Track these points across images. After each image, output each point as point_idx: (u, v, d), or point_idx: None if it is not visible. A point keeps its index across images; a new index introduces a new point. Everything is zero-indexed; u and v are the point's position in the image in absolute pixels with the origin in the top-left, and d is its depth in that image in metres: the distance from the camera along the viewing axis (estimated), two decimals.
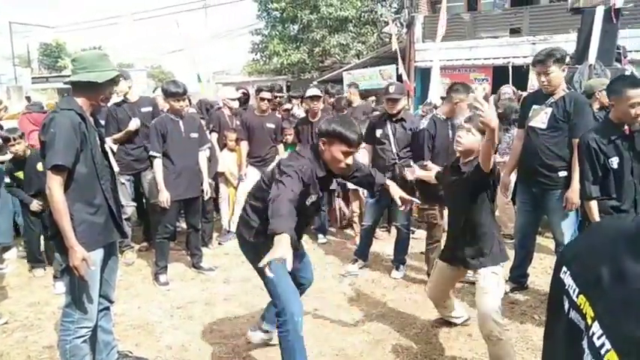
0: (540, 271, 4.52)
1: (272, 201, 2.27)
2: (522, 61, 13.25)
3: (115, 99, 4.92)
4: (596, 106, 4.47)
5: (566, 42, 5.65)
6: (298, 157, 2.65)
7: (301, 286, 3.08)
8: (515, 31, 14.16)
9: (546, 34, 13.22)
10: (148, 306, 3.97)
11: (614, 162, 3.08)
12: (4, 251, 5.06)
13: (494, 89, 13.29)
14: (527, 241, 4.00)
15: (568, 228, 3.68)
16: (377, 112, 5.85)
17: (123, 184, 4.97)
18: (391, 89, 4.47)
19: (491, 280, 2.86)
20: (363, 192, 5.40)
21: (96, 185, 2.58)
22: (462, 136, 2.84)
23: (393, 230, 5.20)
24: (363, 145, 5.01)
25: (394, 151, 4.52)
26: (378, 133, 4.65)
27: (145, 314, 3.81)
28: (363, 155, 4.97)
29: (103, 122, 5.03)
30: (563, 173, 3.61)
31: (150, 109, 5.05)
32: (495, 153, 2.73)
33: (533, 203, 3.85)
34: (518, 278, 4.11)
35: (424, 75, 14.12)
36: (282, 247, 1.99)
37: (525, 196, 3.90)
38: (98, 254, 2.60)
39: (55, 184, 2.37)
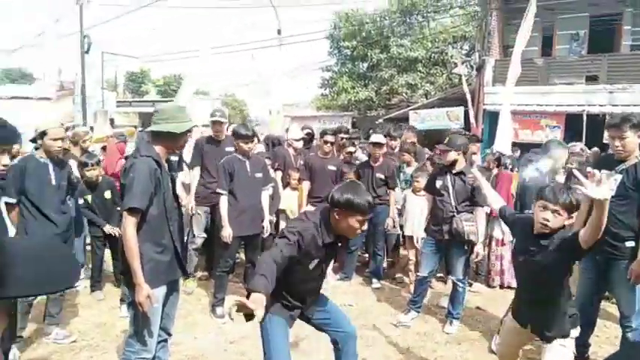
0: (604, 341, 4.30)
1: (260, 257, 2.47)
2: (598, 109, 12.79)
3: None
4: None
5: None
6: (304, 220, 2.67)
7: (339, 345, 2.91)
8: (591, 79, 13.70)
9: (625, 83, 12.71)
10: (204, 338, 4.14)
11: None
12: None
13: (568, 137, 12.89)
14: (588, 309, 3.82)
15: (634, 301, 3.50)
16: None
17: (199, 214, 5.30)
18: (445, 141, 4.59)
19: (558, 353, 2.77)
20: (416, 240, 5.38)
21: (165, 226, 2.80)
22: (549, 219, 2.61)
23: (450, 281, 5.13)
24: (424, 193, 5.08)
25: (453, 203, 4.51)
26: (438, 184, 4.67)
27: (200, 346, 3.98)
28: (424, 203, 5.05)
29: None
30: (630, 243, 3.46)
31: (232, 149, 5.38)
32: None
33: (596, 272, 3.69)
34: (578, 348, 3.91)
35: (492, 119, 13.90)
36: (255, 304, 2.11)
37: (589, 263, 3.74)
38: (161, 290, 2.80)
39: (129, 225, 2.60)
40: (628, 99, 12.54)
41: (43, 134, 3.69)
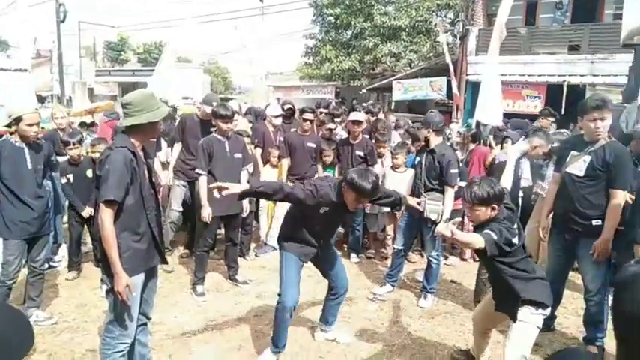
0: (570, 312, 4.48)
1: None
2: (579, 79, 12.86)
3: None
4: None
5: (627, 62, 5.44)
6: (323, 180, 3.51)
7: (333, 292, 3.79)
8: (573, 49, 13.74)
9: (607, 53, 12.75)
10: (184, 316, 4.23)
11: None
12: (57, 248, 5.48)
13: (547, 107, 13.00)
14: (555, 284, 3.96)
15: (598, 277, 3.65)
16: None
17: (177, 187, 5.34)
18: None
19: (522, 328, 2.91)
20: (398, 215, 5.49)
21: (142, 215, 2.83)
22: (471, 216, 2.95)
23: None
24: (403, 169, 5.20)
25: (423, 180, 4.62)
26: (416, 161, 4.76)
27: (181, 325, 4.07)
28: (405, 179, 5.21)
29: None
30: (596, 222, 3.58)
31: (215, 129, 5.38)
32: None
33: (564, 248, 3.84)
34: (545, 319, 4.08)
35: (475, 89, 13.92)
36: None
37: (557, 240, 3.88)
38: (140, 278, 2.85)
39: (106, 216, 2.62)
40: (609, 69, 12.61)
41: (18, 120, 3.64)
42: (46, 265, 4.42)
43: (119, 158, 2.67)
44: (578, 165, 3.65)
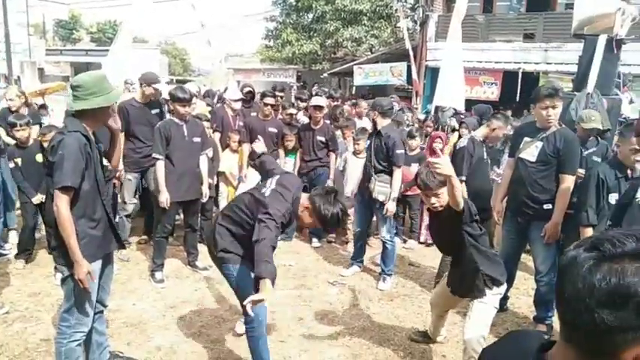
0: (522, 293, 4.67)
1: (257, 242, 2.54)
2: (533, 67, 13.23)
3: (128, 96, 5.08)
4: None
5: (578, 51, 5.63)
6: (282, 201, 2.85)
7: None
8: (528, 37, 14.10)
9: (560, 42, 13.15)
10: (142, 303, 4.16)
11: (613, 198, 3.38)
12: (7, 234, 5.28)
13: (503, 94, 13.35)
14: (509, 266, 4.11)
15: (548, 259, 3.81)
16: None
17: (129, 180, 5.16)
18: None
19: (481, 309, 3.00)
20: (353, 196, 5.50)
21: (97, 200, 2.76)
22: (435, 203, 2.88)
23: None
24: (364, 155, 5.24)
25: (371, 164, 4.69)
26: (366, 144, 4.87)
27: (139, 312, 4.00)
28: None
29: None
30: (547, 206, 3.73)
31: (157, 110, 5.21)
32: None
33: (517, 231, 3.98)
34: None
35: (434, 74, 14.11)
36: (266, 292, 2.35)
37: (511, 224, 4.03)
38: (97, 264, 2.78)
39: (63, 203, 2.53)
40: (561, 57, 13.01)
41: None
42: None
43: (73, 142, 2.57)
44: (530, 150, 3.78)
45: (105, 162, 2.97)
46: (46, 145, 4.42)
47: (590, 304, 0.74)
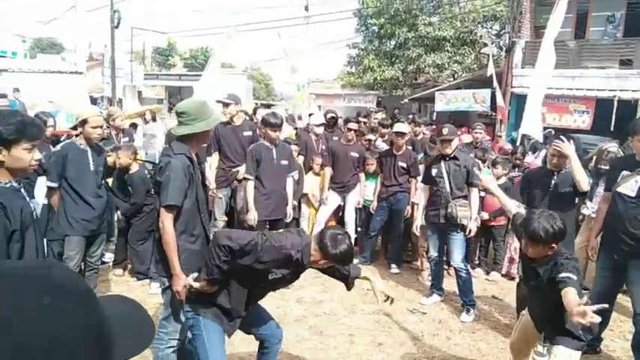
0: (617, 335, 4.37)
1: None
2: (631, 95, 12.45)
3: (222, 119, 5.41)
4: None
5: None
6: (286, 239, 2.55)
7: (265, 345, 2.91)
8: (625, 63, 13.31)
9: None
10: None
11: None
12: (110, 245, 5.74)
13: (596, 123, 12.62)
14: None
15: None
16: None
17: (220, 198, 5.48)
18: (444, 131, 4.72)
19: (565, 355, 2.82)
20: (415, 228, 5.39)
21: (197, 217, 2.98)
22: (536, 255, 2.68)
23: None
24: (421, 185, 5.17)
25: (448, 190, 4.65)
26: (434, 172, 4.80)
27: None
28: (419, 195, 5.21)
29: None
30: None
31: (250, 133, 5.50)
32: None
33: (613, 269, 3.76)
34: (591, 342, 4.01)
35: (520, 101, 13.65)
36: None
37: (607, 261, 3.81)
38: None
39: (167, 220, 2.78)
40: None
41: (84, 122, 3.86)
42: (100, 261, 4.63)
43: (179, 165, 2.82)
44: (629, 185, 3.59)
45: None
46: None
47: None
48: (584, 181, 3.68)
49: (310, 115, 7.67)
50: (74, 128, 4.06)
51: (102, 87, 25.12)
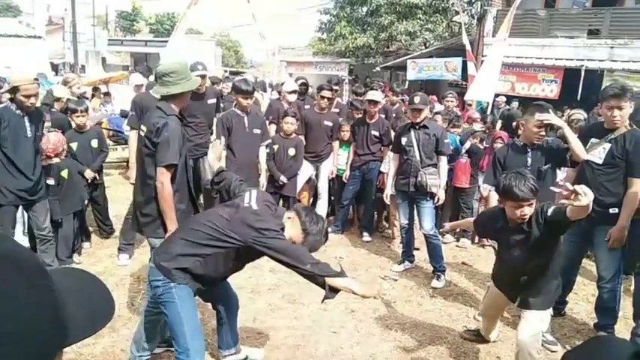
0: (581, 298, 4.52)
1: (295, 250, 2.47)
2: (598, 65, 12.67)
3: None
4: None
5: None
6: (275, 217, 2.60)
7: (227, 311, 3.03)
8: (593, 33, 13.49)
9: (627, 38, 12.52)
10: None
11: None
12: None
13: (563, 92, 12.83)
14: (569, 270, 4.02)
15: (612, 265, 3.68)
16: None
17: None
18: (416, 100, 4.70)
19: (537, 317, 2.95)
20: (385, 196, 5.42)
21: (185, 177, 3.07)
22: (526, 213, 2.75)
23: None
24: (391, 154, 5.17)
25: (418, 158, 4.68)
26: (403, 141, 4.81)
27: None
28: (389, 163, 5.21)
29: None
30: (613, 210, 3.59)
31: (214, 100, 5.35)
32: None
33: (580, 235, 3.84)
34: (556, 305, 4.14)
35: None
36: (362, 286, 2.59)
37: (574, 228, 3.89)
38: None
39: (166, 180, 2.85)
40: (628, 55, 12.41)
41: (15, 89, 3.63)
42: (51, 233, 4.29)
43: (176, 126, 2.88)
44: (597, 152, 3.65)
45: None
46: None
47: None
48: (581, 150, 3.52)
49: (282, 83, 7.53)
50: (12, 95, 3.71)
51: (63, 53, 24.12)
